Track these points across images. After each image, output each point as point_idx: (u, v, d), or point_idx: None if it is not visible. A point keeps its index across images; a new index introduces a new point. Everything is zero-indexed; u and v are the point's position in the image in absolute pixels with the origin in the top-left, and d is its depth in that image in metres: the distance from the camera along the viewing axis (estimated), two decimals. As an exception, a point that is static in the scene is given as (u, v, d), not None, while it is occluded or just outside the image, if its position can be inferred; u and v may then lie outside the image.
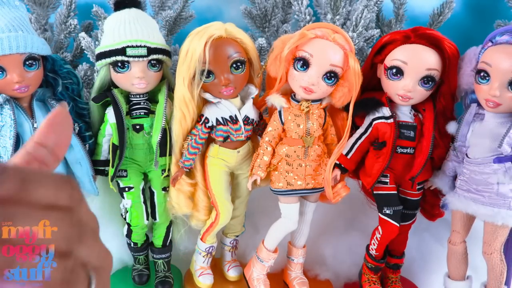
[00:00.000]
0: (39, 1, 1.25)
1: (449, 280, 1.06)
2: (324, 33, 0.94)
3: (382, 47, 0.99)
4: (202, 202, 1.09)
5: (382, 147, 1.00)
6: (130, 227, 1.08)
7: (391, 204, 1.02)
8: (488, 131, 0.91)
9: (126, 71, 0.97)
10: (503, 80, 0.86)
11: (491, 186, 0.91)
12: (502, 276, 0.98)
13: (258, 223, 1.26)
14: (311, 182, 1.00)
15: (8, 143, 0.93)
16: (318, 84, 0.94)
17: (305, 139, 0.98)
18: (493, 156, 0.90)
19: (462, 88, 0.97)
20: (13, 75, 0.91)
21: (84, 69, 1.19)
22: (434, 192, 1.07)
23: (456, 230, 1.02)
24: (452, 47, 0.95)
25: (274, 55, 0.95)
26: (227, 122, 0.99)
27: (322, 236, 1.25)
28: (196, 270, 1.14)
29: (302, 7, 1.18)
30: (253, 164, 1.01)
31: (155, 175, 1.07)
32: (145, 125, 1.02)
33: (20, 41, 0.91)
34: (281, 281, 1.16)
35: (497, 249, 0.96)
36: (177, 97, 0.98)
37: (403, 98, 0.97)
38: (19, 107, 0.95)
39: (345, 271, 1.22)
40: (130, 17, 0.97)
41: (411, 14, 1.30)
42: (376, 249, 1.07)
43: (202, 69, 0.93)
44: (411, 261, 1.23)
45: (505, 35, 0.87)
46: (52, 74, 1.00)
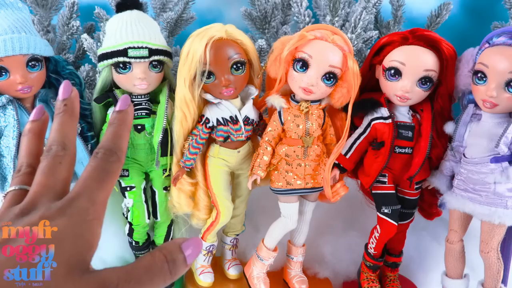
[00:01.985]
0: (41, 3, 1.25)
1: (446, 278, 1.07)
2: (323, 34, 0.95)
3: (380, 48, 1.00)
4: (203, 201, 1.09)
5: (381, 147, 1.01)
6: (131, 226, 1.09)
7: (389, 203, 1.03)
8: (485, 131, 0.92)
9: (128, 72, 0.98)
10: (500, 81, 0.86)
11: (488, 186, 0.92)
12: (499, 274, 0.99)
13: (258, 222, 1.26)
14: (311, 181, 1.01)
15: (11, 143, 0.94)
16: (317, 85, 0.95)
17: (304, 139, 0.99)
18: (490, 156, 0.91)
19: (460, 88, 0.98)
20: (16, 76, 0.92)
21: (86, 70, 1.20)
22: (432, 192, 1.08)
23: (453, 229, 1.03)
24: (449, 48, 0.96)
25: (273, 56, 0.96)
26: (228, 122, 1.00)
27: (321, 235, 1.26)
28: (197, 268, 1.15)
29: (301, 9, 1.19)
30: (253, 164, 1.01)
31: (156, 174, 1.08)
32: (147, 125, 1.03)
33: (23, 42, 0.91)
34: (281, 279, 1.17)
35: (494, 247, 0.97)
36: (178, 97, 0.98)
37: (401, 99, 0.98)
38: (22, 108, 0.96)
39: (344, 270, 1.23)
40: (131, 19, 0.98)
41: (409, 15, 1.30)
42: (375, 248, 1.08)
43: (202, 70, 0.94)
44: (409, 259, 1.23)
45: (502, 37, 0.87)
46: (55, 75, 1.00)
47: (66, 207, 0.32)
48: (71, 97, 0.39)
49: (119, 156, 0.36)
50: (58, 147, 0.36)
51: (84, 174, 0.34)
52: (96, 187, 0.34)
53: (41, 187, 0.34)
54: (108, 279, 0.30)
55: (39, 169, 0.35)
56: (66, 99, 0.39)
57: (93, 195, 0.33)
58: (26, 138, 0.39)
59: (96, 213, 0.33)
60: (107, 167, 0.35)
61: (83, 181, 0.34)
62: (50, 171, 0.35)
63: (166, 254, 0.33)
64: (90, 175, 0.34)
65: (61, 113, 0.38)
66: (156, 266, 0.32)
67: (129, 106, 0.39)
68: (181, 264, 0.33)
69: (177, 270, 0.33)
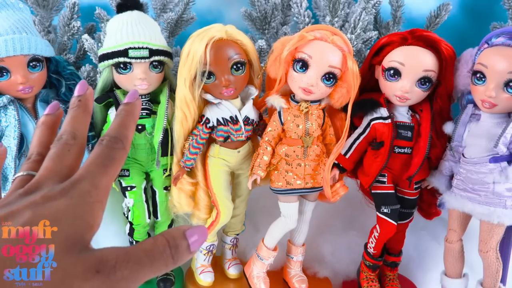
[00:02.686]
0: (42, 4, 1.26)
1: (445, 278, 1.08)
2: (323, 35, 0.95)
3: (380, 49, 1.00)
4: (203, 201, 1.10)
5: (380, 147, 1.01)
6: (132, 226, 1.10)
7: (389, 203, 1.03)
8: (484, 131, 0.92)
9: (128, 72, 0.98)
10: (499, 81, 0.87)
11: (487, 186, 0.92)
12: (498, 273, 0.99)
13: (258, 222, 1.27)
14: (310, 181, 1.02)
15: (12, 143, 0.94)
16: (317, 85, 0.95)
17: (304, 139, 1.00)
18: (489, 156, 0.91)
19: (459, 89, 0.98)
20: (17, 76, 0.92)
21: (87, 70, 1.20)
22: (431, 191, 1.08)
23: (452, 229, 1.03)
24: (448, 48, 0.96)
25: (273, 57, 0.96)
26: (228, 122, 1.01)
27: (321, 235, 1.26)
28: (197, 268, 1.16)
29: (301, 10, 1.19)
30: (253, 164, 1.02)
31: (157, 174, 1.08)
32: (147, 125, 1.04)
33: (24, 43, 0.92)
34: (281, 278, 1.18)
35: (493, 247, 0.97)
36: (179, 98, 0.99)
37: (401, 99, 0.98)
38: (23, 108, 0.97)
39: (343, 269, 1.23)
40: (132, 19, 0.99)
41: (409, 16, 1.30)
42: (374, 247, 1.09)
43: (203, 71, 0.94)
44: (408, 259, 1.24)
45: (501, 37, 0.88)
46: (56, 75, 1.01)
47: (69, 188, 0.33)
48: (86, 93, 0.40)
49: (124, 144, 0.37)
50: (68, 136, 0.37)
51: (89, 160, 0.35)
52: (100, 172, 0.34)
53: (47, 171, 0.35)
54: (106, 257, 0.30)
55: (48, 155, 0.36)
56: (81, 95, 0.40)
57: (96, 179, 0.34)
58: (39, 129, 0.40)
59: (98, 197, 0.33)
60: (112, 153, 0.36)
61: (87, 166, 0.34)
62: (58, 157, 0.36)
63: (169, 239, 0.33)
64: (95, 160, 0.35)
65: (74, 108, 0.39)
66: (158, 249, 0.32)
67: (136, 100, 0.40)
68: (184, 250, 0.33)
69: (180, 256, 0.33)
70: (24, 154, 0.98)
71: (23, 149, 0.97)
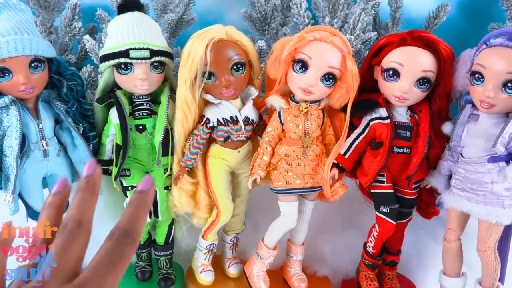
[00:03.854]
0: (44, 5, 1.26)
1: (444, 277, 1.08)
2: (323, 35, 0.95)
3: (379, 50, 1.01)
4: (204, 200, 1.10)
5: (379, 147, 1.02)
6: (133, 225, 1.10)
7: (388, 202, 1.03)
8: (483, 132, 0.93)
9: (129, 73, 0.99)
10: (497, 82, 0.87)
11: (486, 185, 0.93)
12: (496, 272, 1.00)
13: (258, 221, 1.27)
14: (310, 181, 1.02)
15: (14, 143, 0.94)
16: (317, 86, 0.96)
17: (304, 139, 1.00)
18: (488, 155, 0.92)
19: (457, 89, 0.99)
20: (19, 77, 0.93)
21: (88, 71, 1.21)
22: (429, 191, 1.08)
23: (451, 228, 1.04)
24: (447, 49, 0.97)
25: (273, 57, 0.97)
26: (228, 122, 1.01)
27: (320, 234, 1.26)
28: (198, 267, 1.16)
29: (301, 11, 1.20)
30: (253, 164, 1.02)
31: (158, 174, 1.08)
32: (148, 125, 1.04)
33: (26, 43, 0.92)
34: (281, 277, 1.18)
35: (491, 246, 0.98)
36: (179, 98, 0.99)
37: (400, 99, 0.98)
38: (24, 108, 0.97)
39: (343, 268, 1.23)
40: (133, 20, 0.99)
41: (407, 17, 1.31)
42: (373, 247, 1.09)
43: (203, 71, 0.95)
44: (407, 258, 1.24)
45: (499, 38, 0.88)
46: (57, 76, 1.01)
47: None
48: (94, 174, 0.40)
49: (134, 238, 0.36)
50: (73, 224, 0.36)
51: (97, 257, 0.35)
52: (107, 272, 0.34)
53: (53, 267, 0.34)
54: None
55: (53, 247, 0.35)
56: (89, 176, 0.39)
57: (102, 282, 0.33)
58: (45, 212, 0.39)
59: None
60: (121, 250, 0.35)
61: (95, 265, 0.34)
62: (63, 250, 0.35)
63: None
64: (102, 258, 0.34)
65: (82, 190, 0.39)
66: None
67: (150, 188, 0.40)
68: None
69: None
70: (25, 154, 0.98)
71: (25, 149, 0.98)
